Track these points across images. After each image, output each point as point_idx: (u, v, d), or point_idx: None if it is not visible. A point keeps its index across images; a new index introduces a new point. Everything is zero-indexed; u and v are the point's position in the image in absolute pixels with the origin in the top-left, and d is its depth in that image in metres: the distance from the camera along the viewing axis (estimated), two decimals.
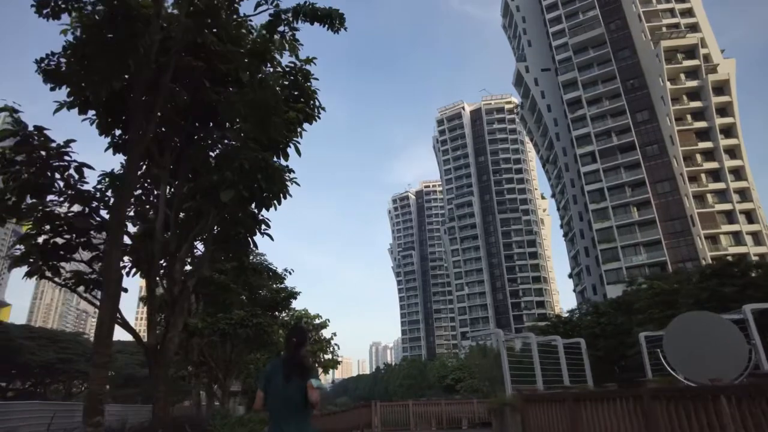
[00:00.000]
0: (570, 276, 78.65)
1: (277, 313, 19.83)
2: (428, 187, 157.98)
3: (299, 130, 8.47)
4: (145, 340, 6.62)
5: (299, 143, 8.39)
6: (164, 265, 7.43)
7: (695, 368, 5.85)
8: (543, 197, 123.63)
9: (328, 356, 33.84)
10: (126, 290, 7.25)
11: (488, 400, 15.61)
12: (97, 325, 5.93)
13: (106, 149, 8.35)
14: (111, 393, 63.26)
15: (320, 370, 34.11)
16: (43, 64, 6.53)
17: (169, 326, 6.69)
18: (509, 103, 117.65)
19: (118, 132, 7.86)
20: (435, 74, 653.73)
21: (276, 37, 7.48)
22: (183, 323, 16.57)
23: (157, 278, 7.27)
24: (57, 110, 7.37)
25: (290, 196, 7.78)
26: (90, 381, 6.08)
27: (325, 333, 34.10)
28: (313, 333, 33.10)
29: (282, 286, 19.52)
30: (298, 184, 7.84)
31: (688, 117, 61.64)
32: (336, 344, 34.26)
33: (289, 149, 8.17)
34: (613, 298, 42.39)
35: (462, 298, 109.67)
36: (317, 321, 33.60)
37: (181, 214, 7.97)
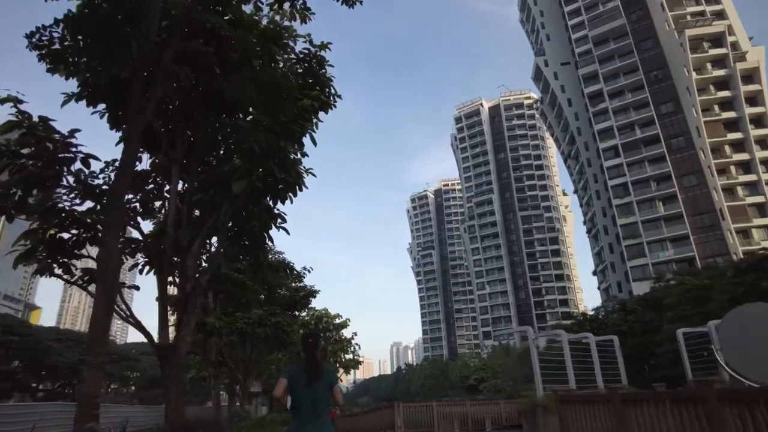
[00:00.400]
0: (594, 273, 76.96)
1: (296, 312, 19.45)
2: (447, 185, 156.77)
3: (314, 119, 8.04)
4: (157, 339, 6.32)
5: (314, 132, 7.98)
6: (177, 261, 7.10)
7: (759, 367, 5.22)
8: (565, 194, 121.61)
9: (349, 356, 33.36)
10: (138, 288, 6.92)
11: (516, 401, 14.89)
12: (91, 322, 5.58)
13: (118, 143, 8.05)
14: (137, 394, 64.29)
15: (341, 370, 33.73)
16: (34, 39, 6.17)
17: (182, 325, 6.32)
18: (528, 98, 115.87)
19: None
20: (451, 73, 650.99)
21: (286, 6, 7.07)
22: (195, 322, 16.44)
23: (170, 276, 6.96)
24: (65, 102, 7.02)
25: (306, 187, 7.35)
26: (83, 383, 5.73)
27: (346, 333, 33.78)
28: (334, 333, 32.72)
29: (301, 284, 19.16)
30: (314, 175, 7.41)
31: (716, 107, 59.61)
32: (357, 344, 33.82)
33: (304, 139, 7.75)
34: (640, 295, 41.15)
35: (483, 297, 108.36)
36: (337, 321, 33.17)
37: (196, 212, 7.62)
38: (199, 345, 16.75)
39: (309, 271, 19.46)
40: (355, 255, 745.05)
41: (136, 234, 7.91)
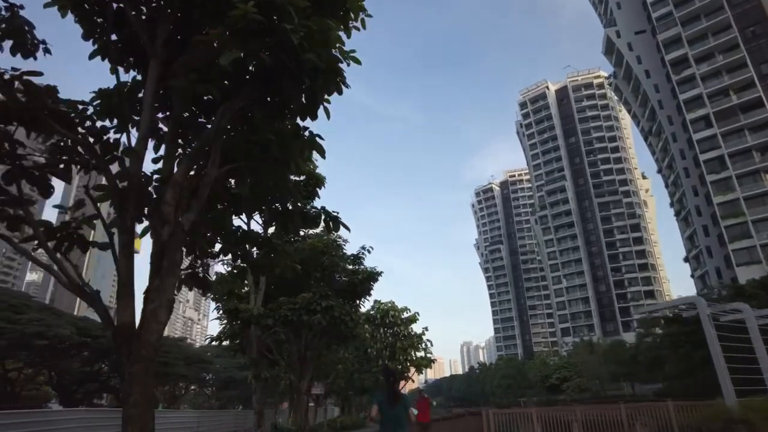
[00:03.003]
0: (686, 260, 69.42)
1: (358, 301, 16.96)
2: (513, 176, 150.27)
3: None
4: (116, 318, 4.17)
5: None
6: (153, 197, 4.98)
7: None
8: (644, 177, 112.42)
9: (420, 353, 30.65)
10: (107, 246, 4.73)
11: (702, 413, 10.67)
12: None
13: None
14: (214, 395, 65.28)
15: (412, 369, 31.16)
16: None
17: (152, 294, 4.04)
18: (598, 77, 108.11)
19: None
20: (511, 65, 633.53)
21: None
22: (228, 309, 14.53)
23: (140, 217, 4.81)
24: (93, 55, 5.22)
25: (347, 86, 4.91)
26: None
27: (415, 328, 31.15)
28: (402, 328, 30.21)
29: (360, 267, 16.61)
30: (358, 62, 4.93)
31: None
32: (428, 340, 31.02)
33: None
34: (756, 279, 35.51)
35: (560, 291, 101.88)
36: (405, 315, 30.65)
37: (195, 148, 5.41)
38: (236, 337, 15.00)
39: (369, 252, 16.90)
40: (417, 257, 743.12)
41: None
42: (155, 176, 4.89)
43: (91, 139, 5.08)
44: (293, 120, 5.34)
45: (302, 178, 12.12)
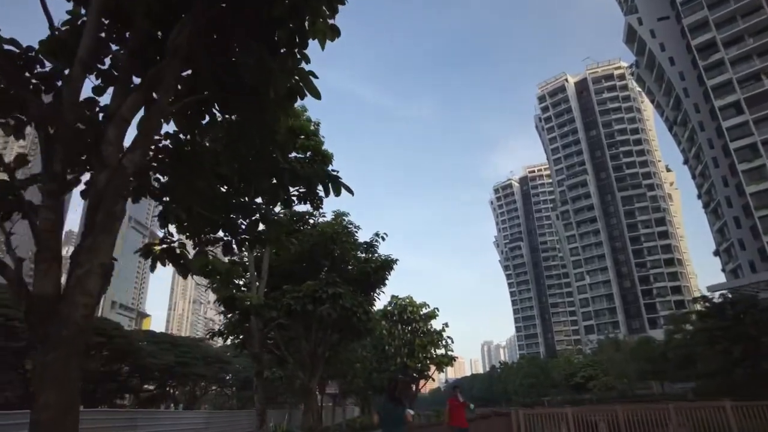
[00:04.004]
0: (716, 254, 66.73)
1: (372, 294, 15.54)
2: (533, 172, 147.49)
3: None
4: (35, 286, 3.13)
5: None
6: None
7: None
8: (668, 169, 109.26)
9: (441, 351, 29.30)
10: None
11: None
12: None
13: None
14: (235, 395, 65.01)
15: (433, 367, 29.91)
16: None
17: (81, 253, 2.93)
18: (618, 68, 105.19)
19: None
20: (528, 63, 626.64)
21: None
22: (224, 297, 13.49)
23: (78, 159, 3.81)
24: None
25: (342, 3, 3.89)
26: None
27: (435, 324, 29.82)
28: (421, 324, 28.96)
29: (373, 256, 15.27)
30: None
31: None
32: (449, 337, 29.65)
33: None
34: None
35: (583, 288, 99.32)
36: (424, 311, 29.37)
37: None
38: (236, 330, 13.75)
39: (383, 239, 15.47)
40: (436, 256, 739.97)
41: None
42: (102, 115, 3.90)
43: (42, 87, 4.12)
44: (276, 44, 4.30)
45: (308, 154, 11.03)
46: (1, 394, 36.96)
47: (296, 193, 15.12)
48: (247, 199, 5.45)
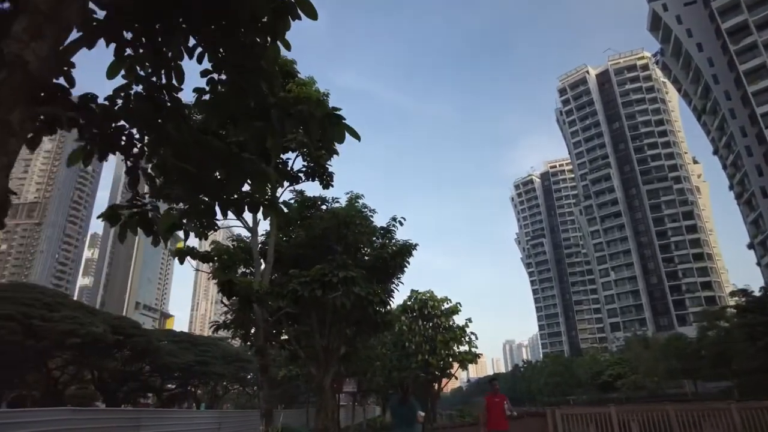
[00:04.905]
0: (750, 246, 64.06)
1: (391, 285, 14.34)
2: (554, 167, 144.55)
3: None
4: None
5: None
6: None
7: None
8: (695, 161, 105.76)
9: (464, 347, 28.06)
10: None
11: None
12: None
13: None
14: (256, 394, 64.91)
15: (456, 365, 28.72)
16: None
17: None
18: (641, 58, 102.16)
19: None
20: (545, 55, 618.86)
21: None
22: (221, 281, 12.44)
23: None
24: None
25: None
26: None
27: (457, 320, 28.61)
28: (443, 319, 27.81)
29: (390, 241, 13.91)
30: None
31: None
32: (473, 333, 28.38)
33: None
34: None
35: (608, 285, 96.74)
36: (446, 305, 28.22)
37: None
38: (238, 321, 12.69)
39: (401, 223, 14.12)
40: (456, 255, 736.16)
41: None
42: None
43: None
44: None
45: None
46: (29, 393, 37.33)
47: (303, 168, 14.27)
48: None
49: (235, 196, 4.60)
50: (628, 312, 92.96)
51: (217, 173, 4.42)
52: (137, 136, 4.16)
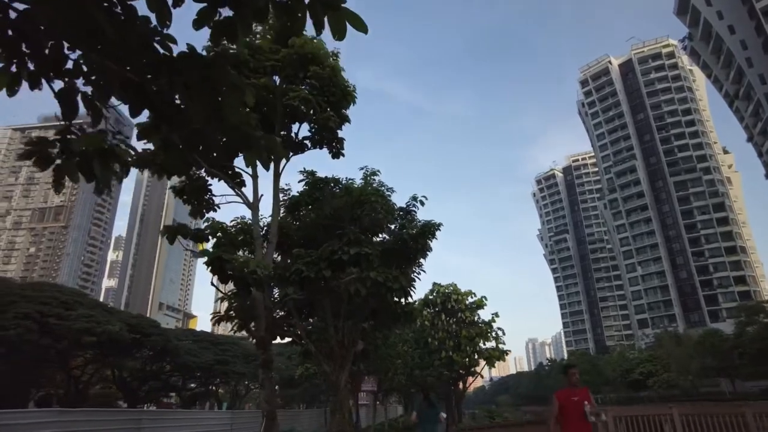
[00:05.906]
0: None
1: (412, 273, 12.90)
2: (577, 161, 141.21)
3: None
4: None
5: None
6: None
7: None
8: (726, 151, 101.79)
9: (491, 343, 26.55)
10: None
11: None
12: None
13: None
14: (280, 393, 64.48)
15: (482, 362, 27.32)
16: None
17: None
18: (666, 46, 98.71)
19: None
20: (564, 49, 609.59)
21: None
22: (211, 259, 11.16)
23: None
24: None
25: None
26: None
27: (483, 315, 27.15)
28: (467, 314, 26.40)
29: (411, 222, 12.54)
30: None
31: None
32: (499, 328, 26.79)
33: None
34: None
35: (635, 280, 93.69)
36: (470, 299, 26.78)
37: None
38: (237, 309, 11.14)
39: (422, 203, 12.75)
40: (477, 253, 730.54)
41: None
42: None
43: None
44: None
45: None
46: (55, 392, 37.27)
47: (309, 133, 13.00)
48: None
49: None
50: (656, 308, 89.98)
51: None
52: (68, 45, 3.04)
